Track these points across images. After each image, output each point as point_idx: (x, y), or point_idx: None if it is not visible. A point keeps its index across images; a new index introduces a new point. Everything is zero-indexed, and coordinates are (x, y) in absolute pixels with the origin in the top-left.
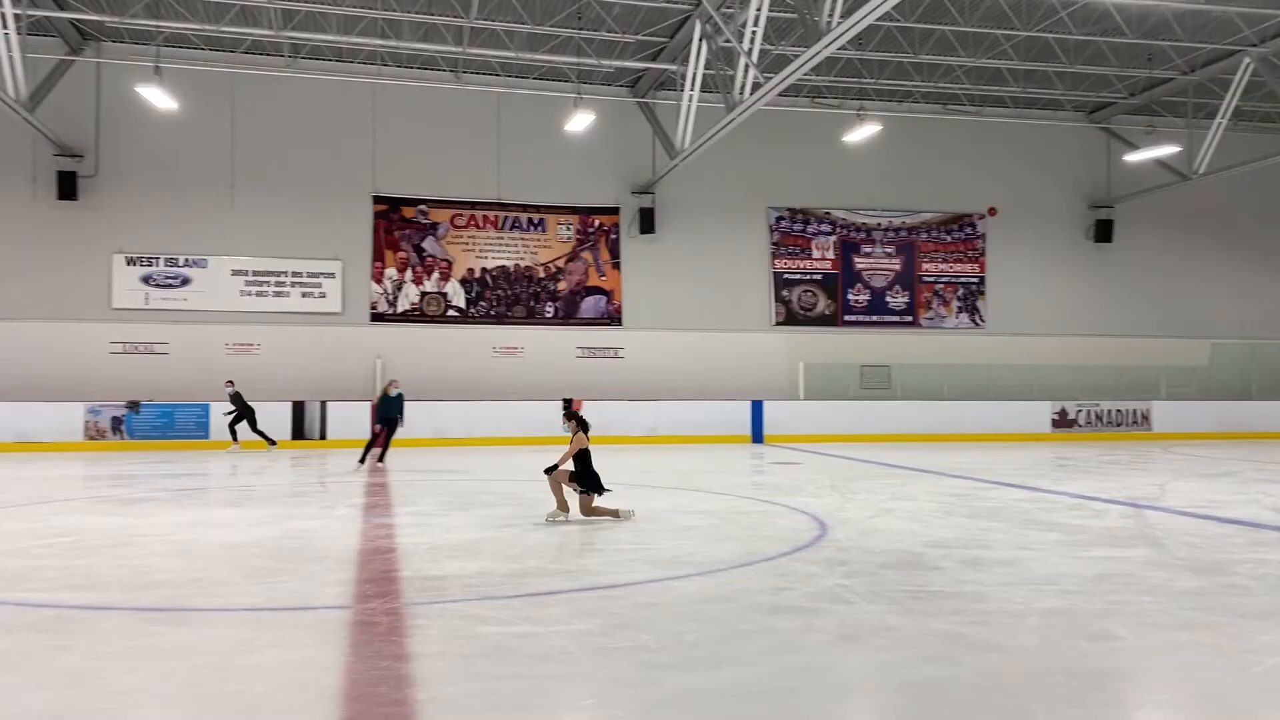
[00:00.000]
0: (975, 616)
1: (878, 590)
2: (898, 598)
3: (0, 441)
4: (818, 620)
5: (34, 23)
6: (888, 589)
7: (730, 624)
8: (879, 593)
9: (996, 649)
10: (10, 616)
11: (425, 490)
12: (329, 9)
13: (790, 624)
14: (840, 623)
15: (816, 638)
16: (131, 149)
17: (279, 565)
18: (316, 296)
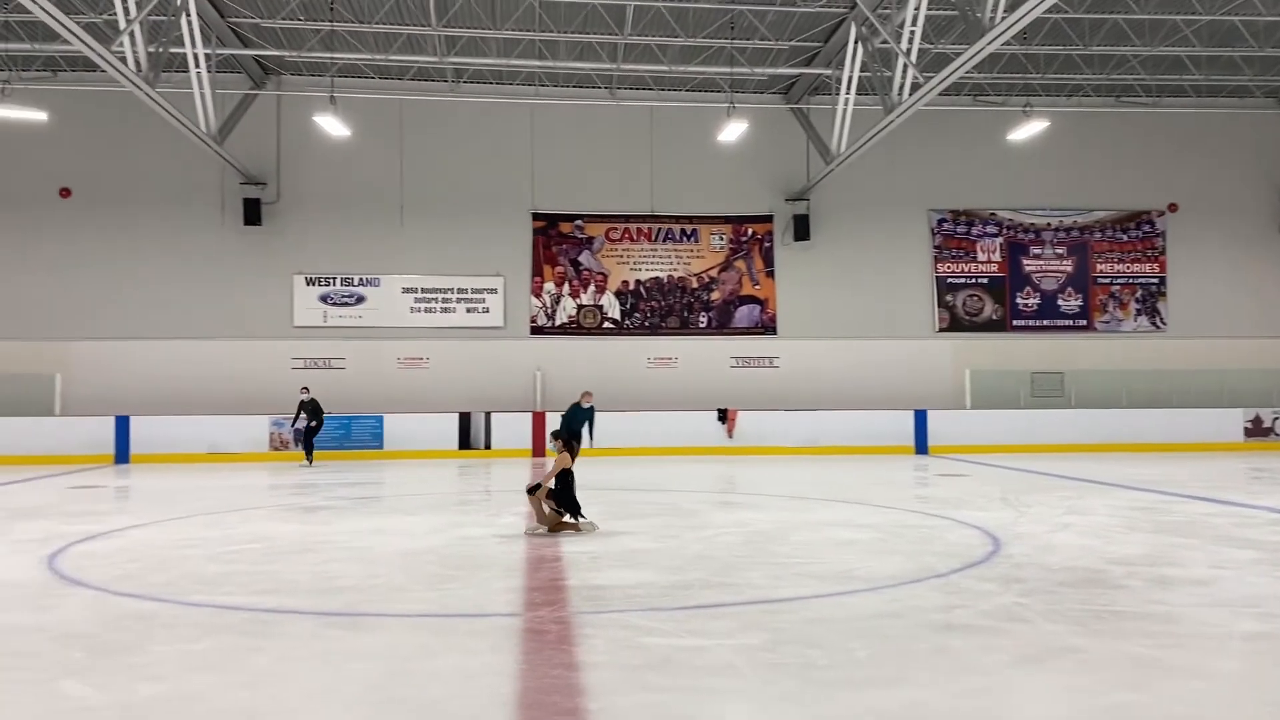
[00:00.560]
0: (1167, 640)
1: (1058, 609)
2: (1080, 618)
3: (193, 452)
4: (995, 640)
5: (221, 61)
6: (1069, 608)
7: (902, 642)
8: (1060, 612)
9: (1195, 675)
10: (209, 618)
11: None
12: (489, 34)
13: (966, 643)
14: (1019, 643)
15: (995, 658)
16: (309, 175)
17: (451, 572)
18: (480, 311)
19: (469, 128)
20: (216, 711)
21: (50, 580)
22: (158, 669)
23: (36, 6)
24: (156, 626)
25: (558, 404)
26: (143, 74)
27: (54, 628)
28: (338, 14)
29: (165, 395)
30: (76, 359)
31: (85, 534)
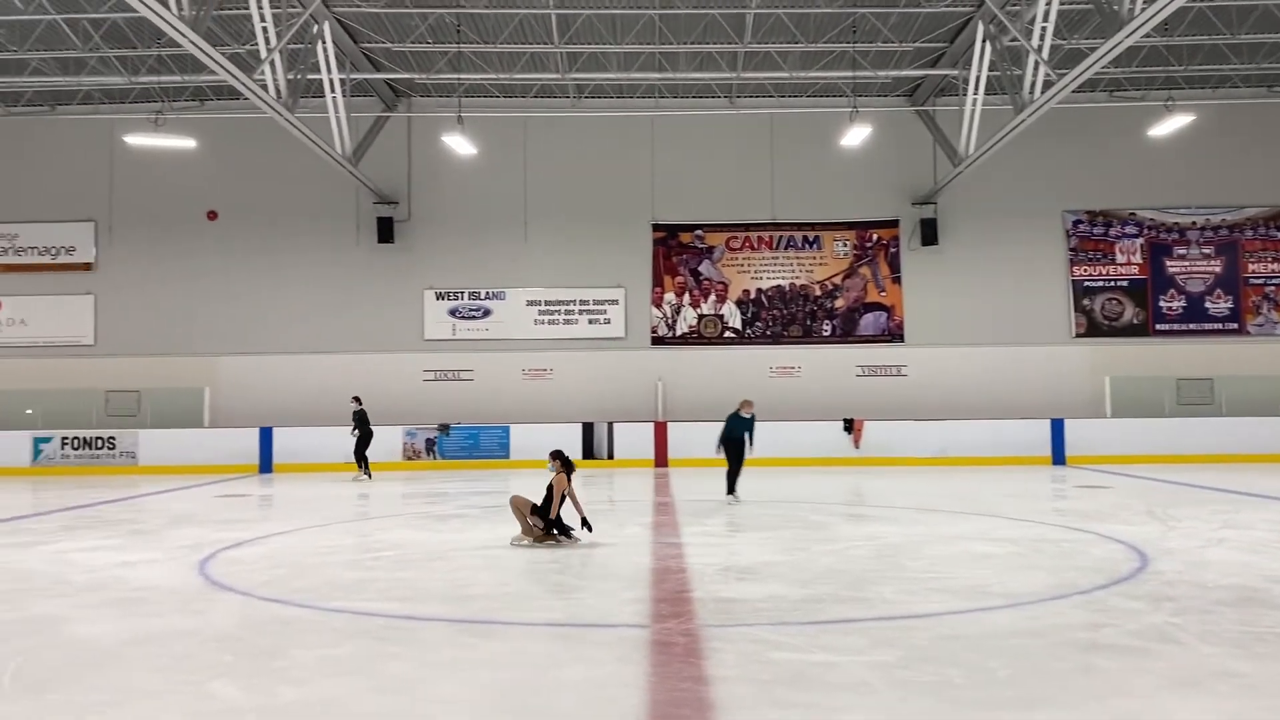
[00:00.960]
0: None
1: (1215, 630)
2: (1240, 639)
3: (331, 461)
4: (1146, 661)
5: (355, 85)
6: (1227, 629)
7: (1044, 661)
8: (1217, 633)
9: None
10: (349, 624)
11: (710, 510)
12: (609, 49)
13: (1114, 664)
14: (1173, 665)
15: (1146, 681)
16: (438, 193)
17: (577, 582)
18: (601, 322)
19: (590, 141)
20: (355, 716)
21: (201, 585)
22: (299, 673)
23: (186, 40)
24: (299, 631)
25: (679, 414)
26: (283, 100)
27: (204, 631)
28: (464, 36)
29: (305, 407)
30: (223, 373)
31: (232, 541)
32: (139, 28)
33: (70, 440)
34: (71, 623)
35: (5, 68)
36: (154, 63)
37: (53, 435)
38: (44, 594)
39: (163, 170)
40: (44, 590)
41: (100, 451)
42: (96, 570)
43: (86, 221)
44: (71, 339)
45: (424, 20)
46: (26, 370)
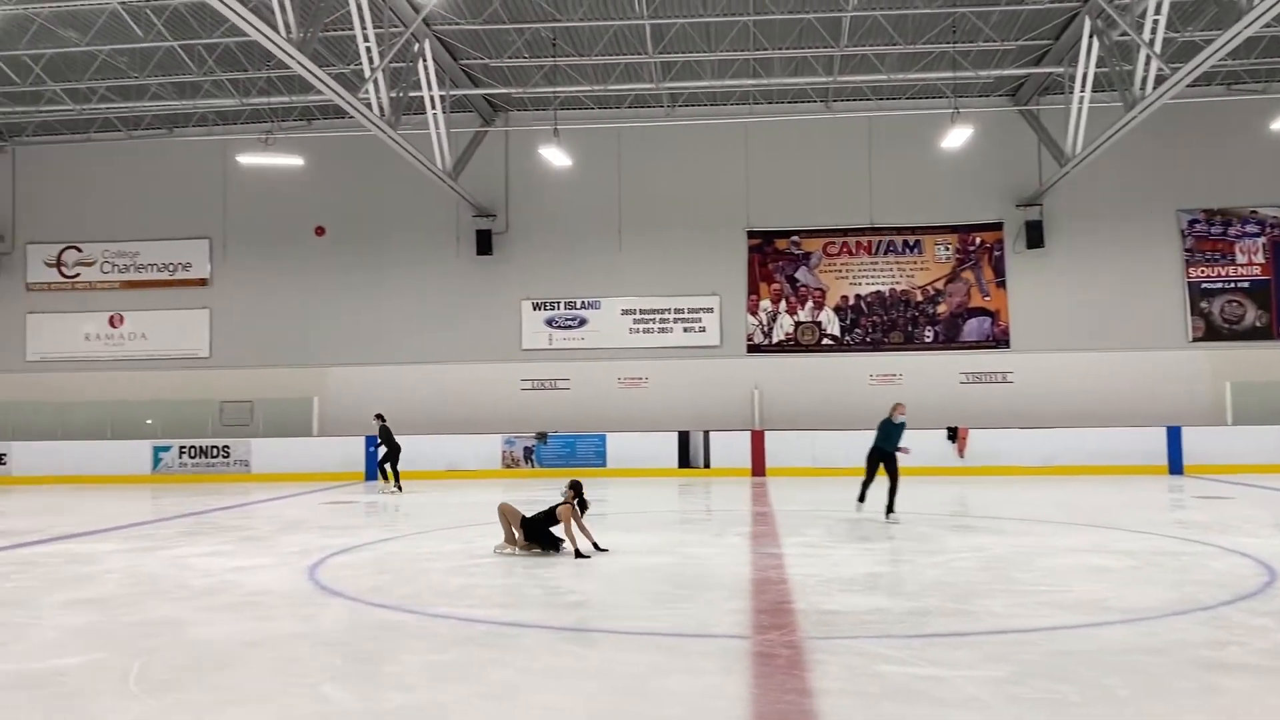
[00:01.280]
0: None
1: None
2: None
3: (434, 469)
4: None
5: (454, 101)
6: None
7: (1165, 680)
8: None
9: None
10: (453, 630)
11: (809, 520)
12: (704, 57)
13: (1242, 684)
14: None
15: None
16: (534, 205)
17: (677, 591)
18: (697, 331)
19: (684, 150)
20: None
21: (311, 590)
22: (407, 678)
23: (294, 61)
24: (405, 636)
25: (776, 423)
26: (386, 118)
27: (315, 635)
28: (560, 49)
29: (408, 415)
30: (331, 383)
31: (340, 547)
32: (250, 51)
33: (187, 449)
34: (191, 625)
35: (127, 93)
36: (264, 84)
37: (171, 444)
38: (165, 597)
39: (273, 188)
40: (165, 593)
41: (215, 460)
42: (213, 574)
43: (202, 239)
44: (188, 352)
45: (520, 35)
46: (147, 382)
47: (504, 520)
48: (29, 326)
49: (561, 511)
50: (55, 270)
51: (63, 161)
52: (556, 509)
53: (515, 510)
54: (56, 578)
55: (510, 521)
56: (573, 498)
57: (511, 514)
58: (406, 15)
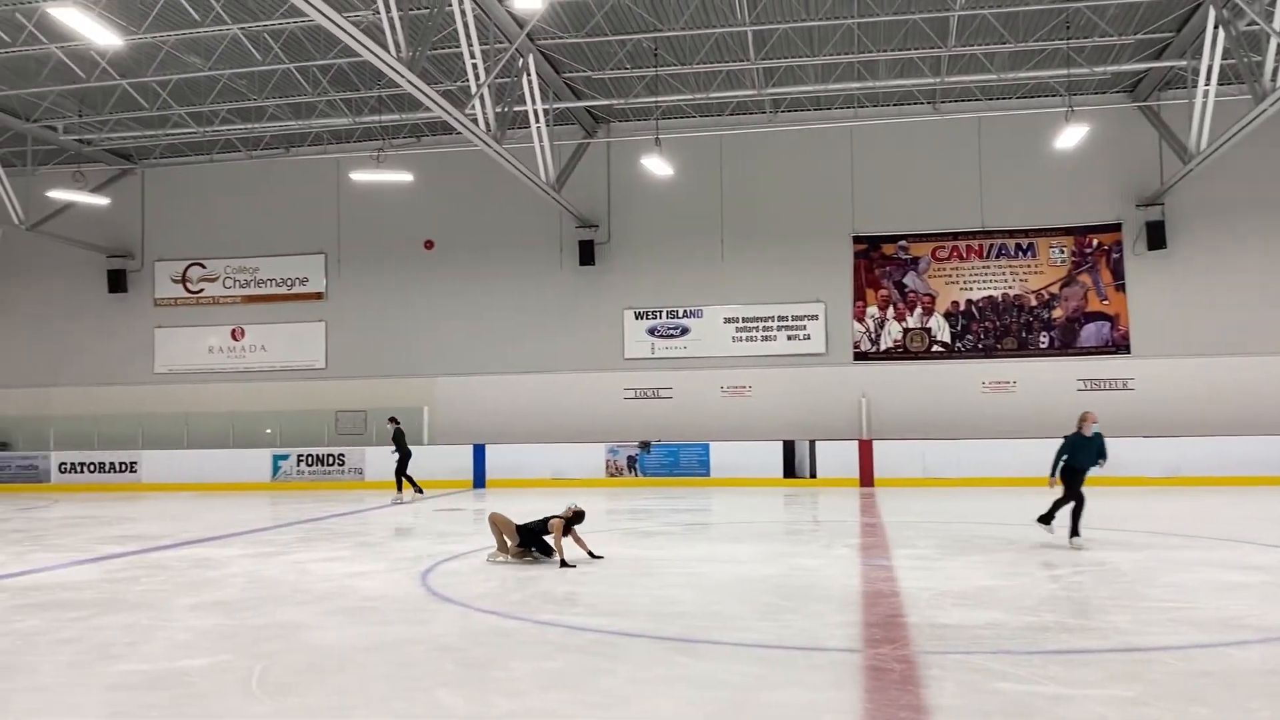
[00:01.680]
0: None
1: None
2: None
3: (539, 477)
4: None
5: (558, 114)
6: None
7: None
8: None
9: None
10: (561, 638)
11: (920, 532)
12: (807, 61)
13: None
14: None
15: None
16: (636, 214)
17: (785, 603)
18: (801, 338)
19: (787, 155)
20: None
21: (424, 596)
22: (517, 684)
23: (404, 80)
24: (515, 643)
25: (885, 431)
26: (491, 133)
27: (428, 640)
28: (661, 59)
29: (514, 425)
30: (440, 393)
31: (450, 553)
32: (361, 71)
33: (305, 457)
34: (310, 629)
35: (246, 115)
36: (375, 103)
37: (289, 452)
38: (285, 601)
39: (384, 204)
40: (285, 598)
41: (331, 468)
42: (330, 579)
43: (318, 254)
44: (305, 363)
45: (622, 47)
46: (266, 392)
47: (496, 530)
48: (157, 340)
49: (554, 524)
50: (181, 286)
51: (188, 182)
52: (550, 520)
53: (508, 520)
54: (184, 581)
55: (503, 530)
56: (568, 514)
57: (504, 524)
58: (511, 31)
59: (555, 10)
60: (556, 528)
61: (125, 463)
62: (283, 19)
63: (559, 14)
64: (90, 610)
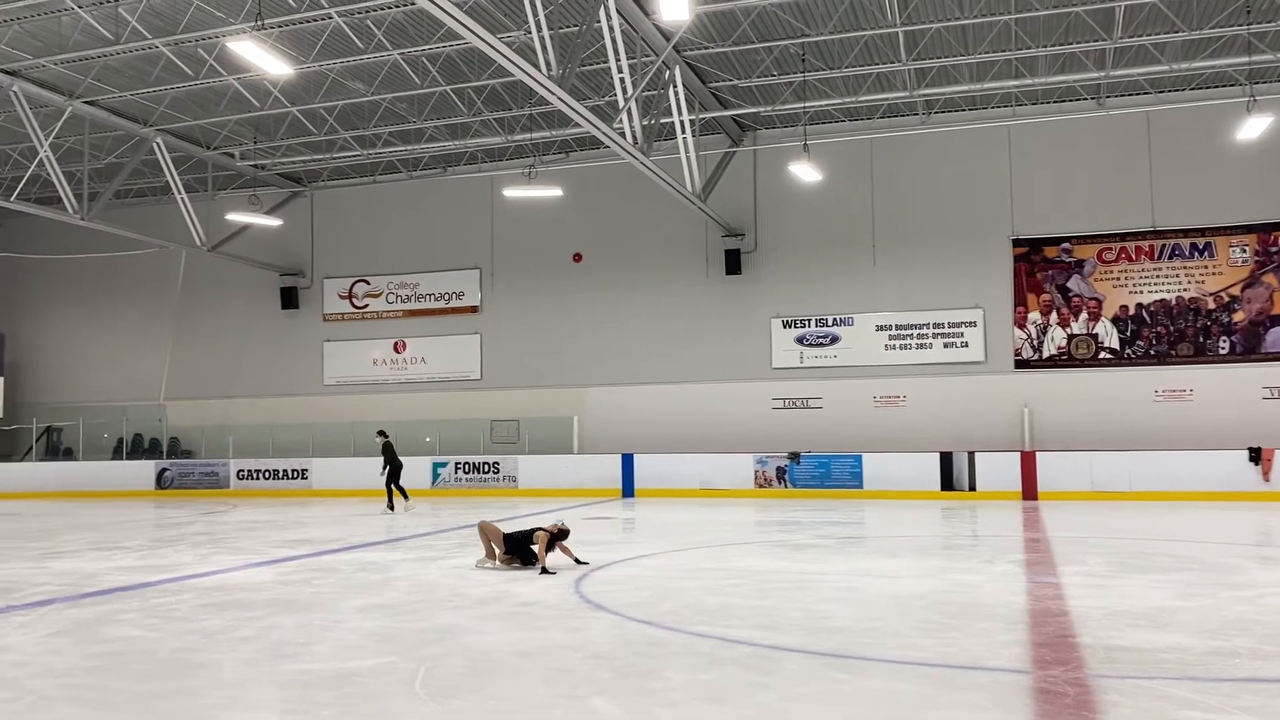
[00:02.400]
0: None
1: None
2: None
3: (687, 488)
4: None
5: (703, 124)
6: None
7: None
8: None
9: None
10: (714, 649)
11: (1089, 548)
12: (961, 60)
13: None
14: None
15: None
16: (783, 222)
17: (947, 620)
18: (958, 346)
19: (940, 158)
20: None
21: (576, 603)
22: (672, 695)
23: (554, 97)
24: (669, 654)
25: (1049, 443)
26: (638, 145)
27: (583, 647)
28: (809, 64)
29: (662, 435)
30: (589, 403)
31: (602, 561)
32: (514, 90)
33: (462, 465)
34: (469, 633)
35: (406, 137)
36: (526, 121)
37: (448, 460)
38: (445, 605)
39: (534, 218)
40: (445, 602)
41: (487, 475)
42: (487, 585)
43: (473, 269)
44: (462, 374)
45: (769, 54)
46: (426, 403)
47: (484, 537)
48: (326, 353)
49: (539, 536)
50: (347, 302)
51: (353, 202)
52: (536, 532)
53: (496, 528)
54: (352, 584)
55: (491, 539)
56: (554, 530)
57: (492, 532)
58: (658, 44)
59: (701, 21)
60: (541, 539)
61: (297, 470)
62: (440, 43)
63: (705, 24)
64: (266, 610)
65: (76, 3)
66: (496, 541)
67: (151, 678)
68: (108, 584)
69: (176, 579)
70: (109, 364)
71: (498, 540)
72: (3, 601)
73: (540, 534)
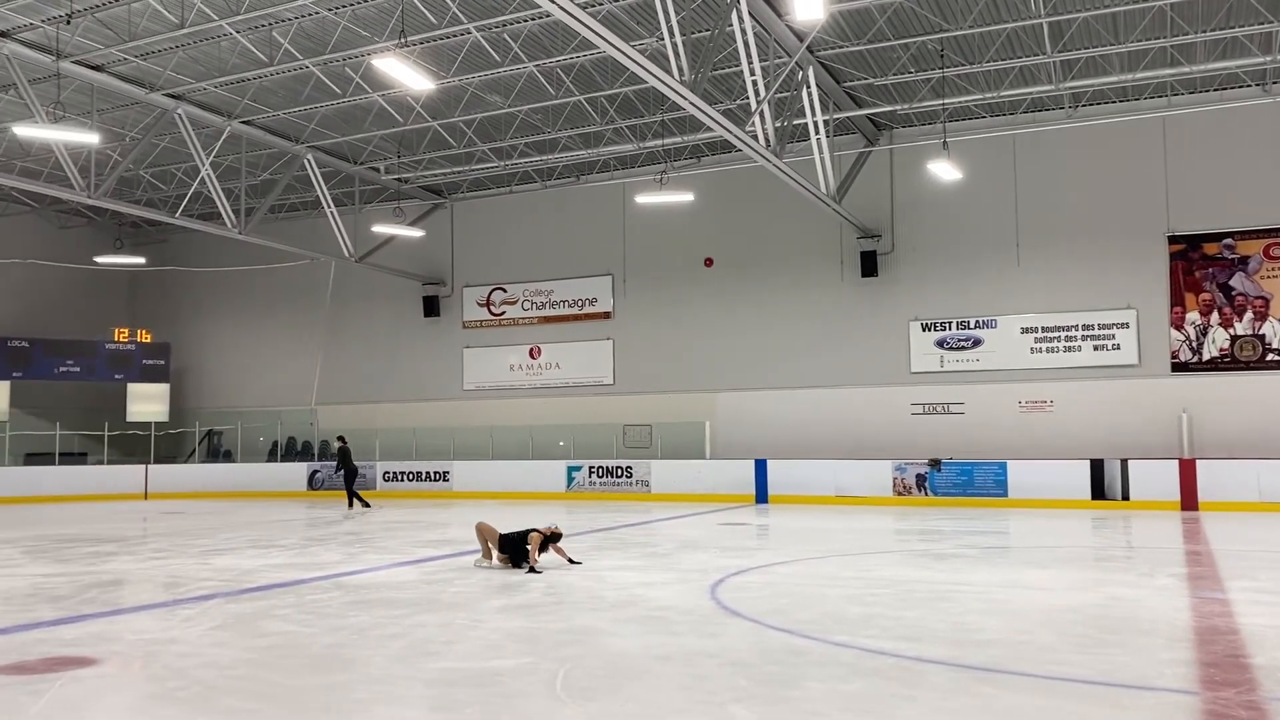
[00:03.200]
0: None
1: None
2: None
3: (823, 494)
4: None
5: (838, 124)
6: None
7: None
8: None
9: None
10: (856, 660)
11: (1259, 563)
12: (1110, 50)
13: None
14: None
15: None
16: (921, 223)
17: (1103, 635)
18: (1109, 348)
19: (1089, 152)
20: None
21: (713, 609)
22: (814, 705)
23: (686, 102)
24: (808, 663)
25: (1210, 450)
26: (771, 148)
27: (720, 654)
28: (948, 59)
29: (796, 440)
30: (721, 407)
31: (737, 568)
32: (645, 97)
33: (596, 469)
34: (606, 635)
35: (541, 147)
36: (658, 127)
37: (582, 464)
38: (582, 607)
39: (665, 224)
40: (582, 604)
41: (620, 479)
42: (623, 588)
43: (605, 275)
44: (595, 379)
45: (906, 50)
46: (560, 407)
47: (481, 538)
48: (465, 359)
49: (532, 537)
50: (485, 309)
51: (490, 212)
52: (529, 533)
53: (493, 529)
54: (490, 584)
55: (488, 538)
56: (547, 533)
57: (489, 532)
58: (791, 45)
59: (835, 20)
60: (535, 540)
61: (439, 472)
62: (574, 53)
63: (839, 23)
64: (411, 609)
65: (234, 27)
66: (493, 541)
67: (306, 672)
68: (264, 580)
69: (327, 576)
70: (265, 371)
71: (494, 540)
72: (170, 595)
73: (534, 535)
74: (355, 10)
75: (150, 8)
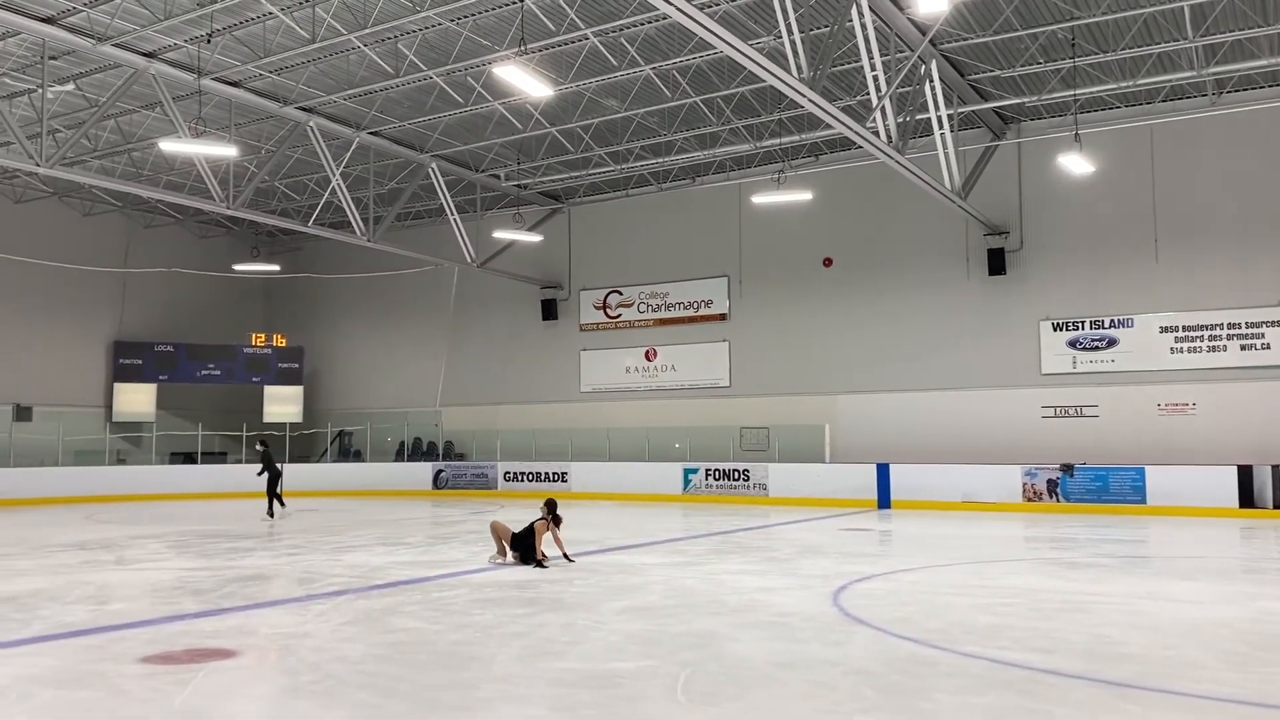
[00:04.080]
0: None
1: None
2: None
3: (948, 500)
4: None
5: (963, 119)
6: None
7: None
8: None
9: None
10: (987, 671)
11: None
12: (1259, 33)
13: None
14: None
15: None
16: (1052, 218)
17: (1257, 652)
18: (1258, 348)
19: (1234, 141)
20: None
21: (836, 616)
22: (943, 718)
23: (805, 100)
24: (937, 674)
25: None
26: (893, 144)
27: (845, 663)
28: (1079, 48)
29: (919, 443)
30: (841, 410)
31: (860, 574)
32: (762, 96)
33: (712, 472)
34: (727, 640)
35: (657, 150)
36: (775, 126)
37: (698, 467)
38: (703, 611)
39: (783, 224)
40: (702, 608)
41: (736, 482)
42: (743, 593)
43: (720, 277)
44: (711, 381)
45: (1034, 40)
46: (676, 409)
47: (496, 537)
48: (582, 362)
49: (538, 527)
50: (601, 312)
51: (606, 216)
52: (534, 525)
53: (506, 528)
54: (610, 585)
55: (501, 537)
56: (547, 514)
57: (503, 531)
58: (913, 39)
59: (960, 12)
60: (540, 529)
61: (557, 473)
62: (690, 54)
63: (964, 15)
64: (534, 608)
65: (362, 41)
66: (506, 539)
67: (432, 668)
68: (392, 577)
69: (452, 574)
70: (392, 373)
71: (506, 538)
72: (304, 590)
73: (539, 525)
74: (476, 20)
75: (283, 24)
